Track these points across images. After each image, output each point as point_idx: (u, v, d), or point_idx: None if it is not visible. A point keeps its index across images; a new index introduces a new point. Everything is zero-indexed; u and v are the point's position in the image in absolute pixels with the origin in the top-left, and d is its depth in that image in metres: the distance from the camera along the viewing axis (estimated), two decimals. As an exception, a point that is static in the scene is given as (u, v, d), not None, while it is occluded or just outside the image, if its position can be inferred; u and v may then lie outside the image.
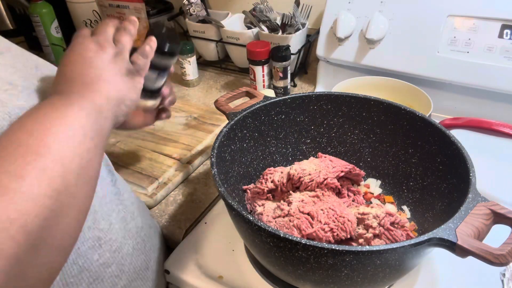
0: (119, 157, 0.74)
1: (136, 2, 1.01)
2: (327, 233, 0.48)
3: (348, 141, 0.66)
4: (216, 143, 0.52)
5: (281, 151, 0.66)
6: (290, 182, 0.57)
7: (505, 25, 0.72)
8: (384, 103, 0.60)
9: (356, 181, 0.63)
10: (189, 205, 0.67)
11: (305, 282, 0.46)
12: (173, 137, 0.79)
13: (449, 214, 0.41)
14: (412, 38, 0.81)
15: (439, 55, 0.79)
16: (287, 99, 0.62)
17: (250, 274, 0.55)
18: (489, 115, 0.66)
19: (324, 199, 0.54)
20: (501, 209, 0.40)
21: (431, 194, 0.55)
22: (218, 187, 0.45)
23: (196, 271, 0.55)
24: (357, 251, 0.37)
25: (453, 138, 0.52)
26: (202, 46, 1.07)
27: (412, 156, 0.59)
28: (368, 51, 0.85)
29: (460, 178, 0.48)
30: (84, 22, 1.12)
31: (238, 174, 0.59)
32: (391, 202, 0.61)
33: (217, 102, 0.62)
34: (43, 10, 1.05)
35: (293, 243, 0.39)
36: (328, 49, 0.90)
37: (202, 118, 0.85)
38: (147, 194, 0.67)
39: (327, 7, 0.89)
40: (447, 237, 0.38)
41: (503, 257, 0.35)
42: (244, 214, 0.41)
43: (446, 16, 0.77)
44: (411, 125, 0.58)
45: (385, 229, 0.50)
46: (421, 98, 0.76)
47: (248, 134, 0.60)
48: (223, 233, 0.60)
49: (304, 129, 0.65)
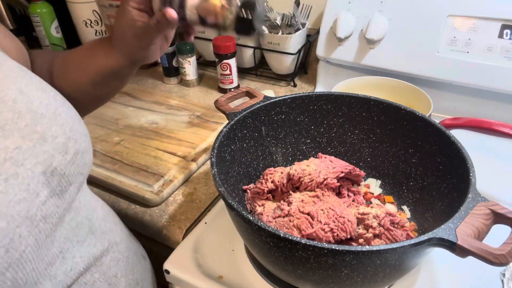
0: (124, 155, 0.75)
1: (136, 2, 1.01)
2: (327, 233, 0.48)
3: (348, 141, 0.66)
4: (216, 143, 0.52)
5: (281, 151, 0.66)
6: (290, 182, 0.57)
7: (505, 25, 0.72)
8: (384, 103, 0.60)
9: (356, 181, 0.63)
10: (189, 205, 0.67)
11: (305, 282, 0.46)
12: (176, 135, 0.80)
13: (449, 214, 0.41)
14: (412, 38, 0.81)
15: (439, 55, 0.79)
16: (287, 99, 0.62)
17: (250, 274, 0.55)
18: (489, 115, 0.66)
19: (324, 199, 0.54)
20: (501, 209, 0.40)
21: (431, 194, 0.55)
22: (218, 187, 0.45)
23: (196, 271, 0.55)
24: (357, 251, 0.37)
25: (453, 138, 0.52)
26: (202, 46, 1.07)
27: (412, 156, 0.59)
28: (368, 51, 0.85)
29: (460, 178, 0.48)
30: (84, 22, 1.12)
31: (238, 174, 0.59)
32: (391, 202, 0.61)
33: (217, 102, 0.62)
34: (43, 10, 1.05)
35: (293, 243, 0.39)
36: (328, 49, 0.90)
37: (205, 116, 0.86)
38: (153, 192, 0.67)
39: (327, 7, 0.89)
40: (447, 237, 0.38)
41: (503, 257, 0.35)
42: (244, 214, 0.41)
43: (446, 16, 0.77)
44: (411, 125, 0.58)
45: (385, 229, 0.50)
46: (421, 98, 0.76)
47: (248, 134, 0.60)
48: (223, 233, 0.60)
49: (304, 129, 0.65)
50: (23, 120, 0.37)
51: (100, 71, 0.53)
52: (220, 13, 0.45)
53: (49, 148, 0.38)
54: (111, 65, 0.52)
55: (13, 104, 0.37)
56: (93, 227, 0.46)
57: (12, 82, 0.38)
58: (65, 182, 0.39)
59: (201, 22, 0.47)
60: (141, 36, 0.48)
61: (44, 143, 0.37)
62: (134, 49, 0.50)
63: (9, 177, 0.34)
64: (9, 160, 0.34)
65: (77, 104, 0.49)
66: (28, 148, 0.36)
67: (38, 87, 0.41)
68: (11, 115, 0.36)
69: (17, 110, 0.37)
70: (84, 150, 0.42)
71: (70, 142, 0.40)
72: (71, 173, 0.40)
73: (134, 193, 0.67)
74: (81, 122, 0.44)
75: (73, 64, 0.55)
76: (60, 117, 0.40)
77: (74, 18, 1.13)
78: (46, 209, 0.37)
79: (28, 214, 0.35)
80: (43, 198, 0.36)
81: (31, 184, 0.35)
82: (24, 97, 0.38)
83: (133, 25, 0.48)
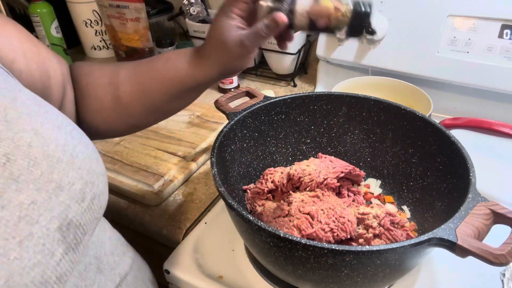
0: (124, 155, 0.75)
1: (136, 2, 1.01)
2: (327, 233, 0.48)
3: (348, 141, 0.66)
4: (216, 143, 0.52)
5: (281, 151, 0.66)
6: (290, 182, 0.57)
7: (505, 25, 0.72)
8: (384, 103, 0.60)
9: (356, 181, 0.63)
10: (189, 205, 0.67)
11: (305, 282, 0.45)
12: (176, 135, 0.80)
13: (449, 214, 0.41)
14: (412, 38, 0.81)
15: (439, 55, 0.79)
16: (287, 99, 0.62)
17: (250, 274, 0.55)
18: (489, 115, 0.66)
19: (324, 199, 0.54)
20: (501, 209, 0.40)
21: (431, 194, 0.55)
22: (218, 187, 0.45)
23: (196, 271, 0.55)
24: (357, 251, 0.37)
25: (453, 138, 0.52)
26: (202, 46, 1.07)
27: (412, 156, 0.59)
28: (368, 51, 0.85)
29: (460, 178, 0.48)
30: (84, 22, 1.12)
31: (238, 174, 0.59)
32: (391, 202, 0.61)
33: (217, 102, 0.62)
34: (43, 10, 1.05)
35: (293, 243, 0.39)
36: (328, 49, 0.90)
37: (205, 116, 0.86)
38: (153, 192, 0.67)
39: (327, 7, 0.89)
40: (447, 237, 0.38)
41: (503, 257, 0.35)
42: (244, 214, 0.41)
43: (446, 16, 0.77)
44: (411, 125, 0.58)
45: (385, 229, 0.50)
46: (421, 98, 0.76)
47: (248, 134, 0.60)
48: (223, 233, 0.60)
49: (304, 129, 0.65)
50: (39, 168, 0.33)
51: (183, 83, 0.50)
52: (334, 15, 0.44)
53: (65, 198, 0.34)
54: (199, 78, 0.50)
55: (28, 149, 0.33)
56: (101, 265, 0.43)
57: (26, 122, 0.34)
58: (80, 234, 0.36)
59: (310, 26, 0.46)
60: (245, 43, 0.46)
61: (60, 193, 0.34)
62: (233, 58, 0.48)
63: (23, 239, 0.30)
64: (24, 218, 0.31)
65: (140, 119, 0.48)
66: (44, 201, 0.33)
67: (54, 125, 0.37)
68: (26, 163, 0.32)
69: (32, 156, 0.33)
70: (100, 193, 0.39)
71: (88, 187, 0.37)
72: (86, 222, 0.37)
73: (134, 193, 0.67)
74: (98, 160, 0.41)
75: (148, 77, 0.51)
76: (77, 159, 0.37)
77: (74, 18, 1.13)
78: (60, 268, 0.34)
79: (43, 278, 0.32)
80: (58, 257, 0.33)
81: (47, 244, 0.32)
82: (40, 140, 0.34)
83: (237, 33, 0.46)
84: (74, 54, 1.22)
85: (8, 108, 0.33)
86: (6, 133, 0.32)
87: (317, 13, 0.44)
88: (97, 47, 1.18)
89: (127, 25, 1.06)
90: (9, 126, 0.32)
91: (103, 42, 1.18)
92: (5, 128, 0.32)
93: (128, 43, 1.09)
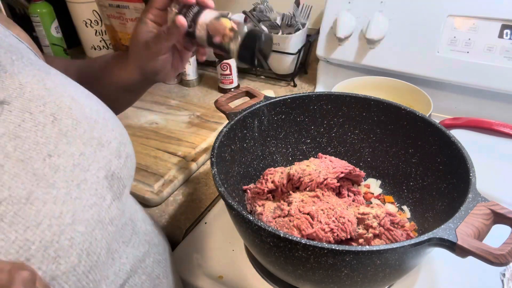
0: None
1: (136, 2, 1.01)
2: (327, 233, 0.48)
3: (348, 141, 0.66)
4: (216, 143, 0.52)
5: (281, 151, 0.66)
6: (290, 182, 0.57)
7: (505, 25, 0.72)
8: (384, 103, 0.60)
9: (356, 181, 0.63)
10: (189, 205, 0.67)
11: (305, 282, 0.46)
12: (176, 135, 0.80)
13: (449, 214, 0.41)
14: (412, 38, 0.81)
15: (439, 55, 0.79)
16: (287, 99, 0.62)
17: (250, 274, 0.55)
18: (489, 115, 0.66)
19: (324, 199, 0.54)
20: (501, 209, 0.40)
21: (431, 194, 0.55)
22: (218, 187, 0.45)
23: (196, 271, 0.55)
24: (357, 251, 0.37)
25: (453, 138, 0.52)
26: (202, 46, 1.07)
27: (412, 156, 0.59)
28: (368, 51, 0.85)
29: (460, 178, 0.48)
30: (84, 22, 1.12)
31: (238, 174, 0.59)
32: (391, 202, 0.61)
33: (217, 102, 0.62)
34: (43, 10, 1.05)
35: (293, 243, 0.39)
36: (328, 49, 0.90)
37: (205, 116, 0.86)
38: (154, 192, 0.67)
39: (327, 7, 0.89)
40: (447, 237, 0.38)
41: (503, 257, 0.35)
42: (244, 214, 0.41)
43: (446, 16, 0.77)
44: (411, 125, 0.58)
45: (385, 229, 0.50)
46: (421, 98, 0.76)
47: (248, 134, 0.60)
48: (223, 233, 0.60)
49: (304, 129, 0.65)
50: (81, 127, 0.37)
51: (115, 84, 0.55)
52: (228, 35, 0.46)
53: (107, 153, 0.39)
54: (125, 79, 0.54)
55: (69, 111, 0.37)
56: (136, 227, 0.47)
57: (63, 90, 0.39)
58: (121, 186, 0.40)
59: (208, 40, 0.48)
60: (150, 45, 0.50)
61: (102, 148, 0.38)
62: (145, 59, 0.51)
63: (80, 183, 0.35)
64: (78, 166, 0.35)
65: None
66: (90, 154, 0.37)
67: (84, 93, 0.42)
68: (70, 122, 0.37)
69: (74, 116, 0.37)
70: (131, 154, 0.44)
71: (121, 146, 0.41)
72: (125, 176, 0.41)
73: (134, 193, 0.67)
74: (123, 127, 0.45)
75: (89, 76, 0.55)
76: (109, 123, 0.41)
77: (74, 18, 1.13)
78: (111, 212, 0.38)
79: (99, 217, 0.36)
80: (108, 202, 0.38)
81: (98, 189, 0.37)
82: (77, 104, 0.39)
83: (147, 35, 0.50)
84: (74, 54, 1.22)
85: (45, 79, 0.37)
86: (49, 97, 0.36)
87: (214, 28, 0.47)
88: (97, 47, 1.18)
89: (127, 25, 1.06)
90: (50, 92, 0.37)
91: (103, 42, 1.18)
92: (47, 93, 0.36)
93: (128, 43, 1.09)
